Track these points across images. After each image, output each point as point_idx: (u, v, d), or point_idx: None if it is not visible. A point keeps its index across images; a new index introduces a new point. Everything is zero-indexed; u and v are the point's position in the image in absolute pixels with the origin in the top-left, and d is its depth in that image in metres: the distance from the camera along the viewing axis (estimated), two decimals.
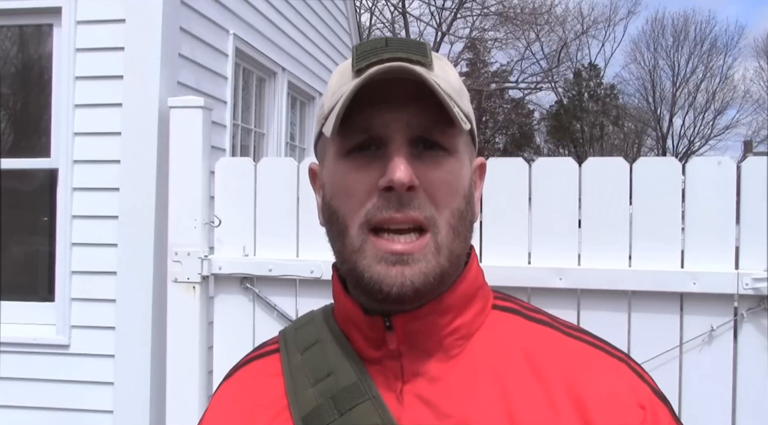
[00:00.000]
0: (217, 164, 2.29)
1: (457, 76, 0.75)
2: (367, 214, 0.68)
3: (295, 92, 5.50)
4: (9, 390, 3.00)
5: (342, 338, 0.76)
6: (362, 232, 0.69)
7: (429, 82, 0.65)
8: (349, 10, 7.22)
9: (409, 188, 0.67)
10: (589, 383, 0.71)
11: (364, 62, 0.70)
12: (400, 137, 0.68)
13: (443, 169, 0.70)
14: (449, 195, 0.70)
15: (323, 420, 0.71)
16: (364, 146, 0.69)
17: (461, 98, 0.72)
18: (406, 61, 0.69)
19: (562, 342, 0.75)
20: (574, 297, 1.97)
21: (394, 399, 0.71)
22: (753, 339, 1.90)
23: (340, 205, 0.71)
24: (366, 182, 0.69)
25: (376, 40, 0.72)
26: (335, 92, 0.72)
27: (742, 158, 5.84)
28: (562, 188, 1.99)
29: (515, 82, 28.03)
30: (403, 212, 0.67)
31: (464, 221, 0.72)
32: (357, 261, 0.69)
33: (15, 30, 3.34)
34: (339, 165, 0.71)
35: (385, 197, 0.67)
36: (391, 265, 0.68)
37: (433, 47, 18.98)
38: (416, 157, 0.69)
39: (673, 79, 31.26)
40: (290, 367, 0.77)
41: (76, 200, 2.99)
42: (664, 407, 0.73)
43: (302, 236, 2.19)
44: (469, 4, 22.86)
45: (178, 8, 3.16)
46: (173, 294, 2.26)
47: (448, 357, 0.73)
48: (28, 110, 3.43)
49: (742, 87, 32.03)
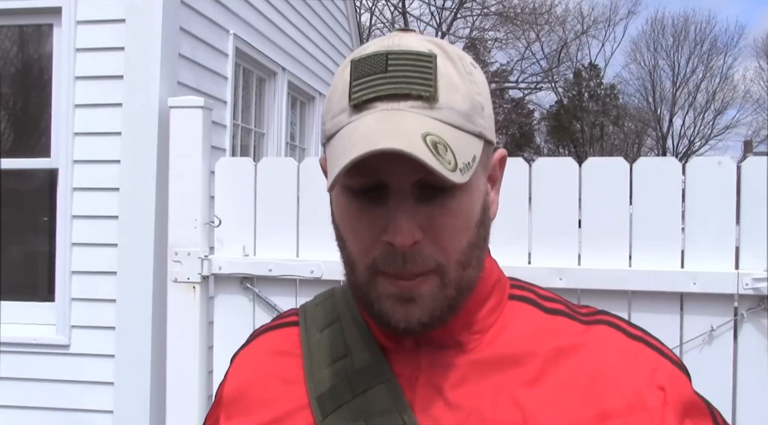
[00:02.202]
0: (217, 164, 2.29)
1: (468, 88, 0.70)
2: (374, 261, 0.68)
3: (295, 92, 5.50)
4: (9, 390, 3.00)
5: (361, 320, 0.77)
6: (370, 273, 0.69)
7: (418, 158, 0.61)
8: (349, 10, 7.22)
9: (413, 243, 0.66)
10: (605, 371, 0.71)
11: (361, 97, 0.67)
12: (401, 184, 0.66)
13: (451, 212, 0.68)
14: (458, 237, 0.69)
15: (338, 400, 0.72)
16: (367, 188, 0.68)
17: (471, 120, 0.69)
18: (407, 97, 0.66)
19: (577, 330, 0.75)
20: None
21: (407, 386, 0.72)
22: (753, 339, 1.90)
23: (347, 239, 0.71)
24: (370, 230, 0.68)
25: (376, 57, 0.68)
26: (334, 117, 0.70)
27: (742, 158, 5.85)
28: (562, 188, 1.99)
29: (515, 82, 28.04)
30: (407, 268, 0.67)
31: (476, 249, 0.71)
32: (367, 293, 0.70)
33: (15, 30, 3.34)
34: (344, 197, 0.70)
35: (389, 250, 0.67)
36: (398, 304, 0.68)
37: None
38: (421, 201, 0.67)
39: (673, 79, 31.29)
40: (309, 343, 0.78)
41: (76, 200, 2.99)
42: (683, 376, 0.73)
43: (302, 236, 2.19)
44: (469, 4, 22.87)
45: (178, 8, 3.16)
46: (173, 294, 2.26)
47: (464, 351, 0.74)
48: (28, 110, 3.43)
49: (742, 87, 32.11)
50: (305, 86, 5.59)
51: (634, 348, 0.74)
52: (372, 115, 0.66)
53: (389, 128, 0.64)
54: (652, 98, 31.62)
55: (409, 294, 0.68)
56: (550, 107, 32.91)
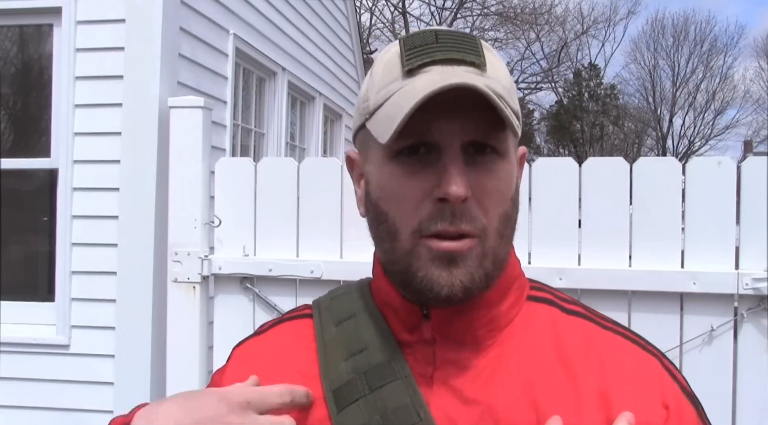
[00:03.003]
0: (217, 164, 2.29)
1: (505, 69, 0.73)
2: (420, 223, 0.68)
3: (295, 92, 5.50)
4: (9, 390, 3.00)
5: (378, 315, 0.77)
6: (414, 237, 0.69)
7: (490, 96, 0.64)
8: (349, 10, 7.22)
9: (464, 199, 0.67)
10: (617, 377, 0.71)
11: (416, 62, 0.68)
12: (454, 144, 0.68)
13: (495, 175, 0.69)
14: (499, 202, 0.70)
15: (353, 395, 0.72)
16: (414, 149, 0.69)
17: (511, 97, 0.71)
18: (460, 62, 0.68)
19: (595, 333, 0.75)
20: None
21: (423, 382, 0.72)
22: (753, 339, 1.90)
23: (390, 208, 0.71)
24: (418, 189, 0.68)
25: (425, 33, 0.70)
26: (382, 88, 0.71)
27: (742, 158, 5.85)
28: (562, 188, 1.99)
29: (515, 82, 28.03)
30: (456, 225, 0.67)
31: (510, 224, 0.72)
32: (410, 263, 0.69)
33: (15, 30, 3.34)
34: (388, 167, 0.70)
35: (438, 207, 0.67)
36: (443, 267, 0.68)
37: None
38: (469, 164, 0.68)
39: (673, 79, 31.27)
40: (324, 337, 0.78)
41: (76, 200, 2.99)
42: (691, 408, 0.73)
43: (302, 236, 2.19)
44: (469, 4, 22.88)
45: (178, 8, 3.16)
46: (173, 294, 2.26)
47: (479, 348, 0.74)
48: (28, 110, 3.43)
49: (742, 87, 32.04)
50: (305, 86, 5.59)
51: (647, 362, 0.74)
52: (429, 74, 0.68)
53: (452, 78, 0.65)
54: (652, 98, 31.62)
55: (454, 254, 0.68)
56: (550, 107, 32.93)
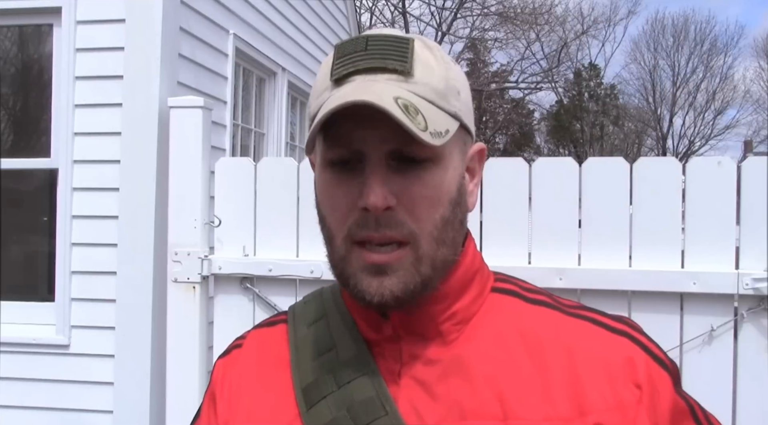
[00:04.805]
0: (217, 164, 2.29)
1: (446, 70, 0.73)
2: (349, 230, 0.71)
3: (295, 92, 5.50)
4: (9, 390, 3.00)
5: (347, 316, 0.79)
6: (346, 243, 0.71)
7: (387, 111, 0.64)
8: (349, 10, 7.22)
9: (387, 208, 0.68)
10: (586, 364, 0.72)
11: (342, 71, 0.71)
12: (376, 153, 0.69)
13: (423, 182, 0.70)
14: (430, 208, 0.71)
15: (322, 391, 0.75)
16: (344, 159, 0.71)
17: (446, 99, 0.72)
18: (383, 70, 0.70)
19: (561, 322, 0.76)
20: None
21: (391, 378, 0.74)
22: (753, 339, 1.90)
23: (326, 214, 0.74)
24: (347, 198, 0.71)
25: (357, 40, 0.72)
26: (318, 96, 0.74)
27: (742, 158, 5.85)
28: (562, 188, 1.99)
29: (515, 82, 28.01)
30: (380, 232, 0.69)
31: (450, 227, 0.73)
32: (343, 268, 0.72)
33: (15, 30, 3.34)
34: (325, 174, 0.73)
35: (363, 215, 0.69)
36: (372, 276, 0.70)
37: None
38: (395, 171, 0.70)
39: (673, 79, 31.26)
40: (296, 339, 0.81)
41: (76, 200, 2.99)
42: (665, 375, 0.73)
43: (302, 236, 2.19)
44: (469, 4, 22.86)
45: (178, 8, 3.16)
46: (173, 294, 2.26)
47: (445, 342, 0.75)
48: (28, 110, 3.43)
49: (742, 87, 32.03)
50: (305, 86, 5.59)
51: (616, 343, 0.74)
52: (351, 85, 0.70)
53: (363, 90, 0.68)
54: (652, 98, 31.62)
55: (381, 266, 0.70)
56: (550, 107, 32.92)
